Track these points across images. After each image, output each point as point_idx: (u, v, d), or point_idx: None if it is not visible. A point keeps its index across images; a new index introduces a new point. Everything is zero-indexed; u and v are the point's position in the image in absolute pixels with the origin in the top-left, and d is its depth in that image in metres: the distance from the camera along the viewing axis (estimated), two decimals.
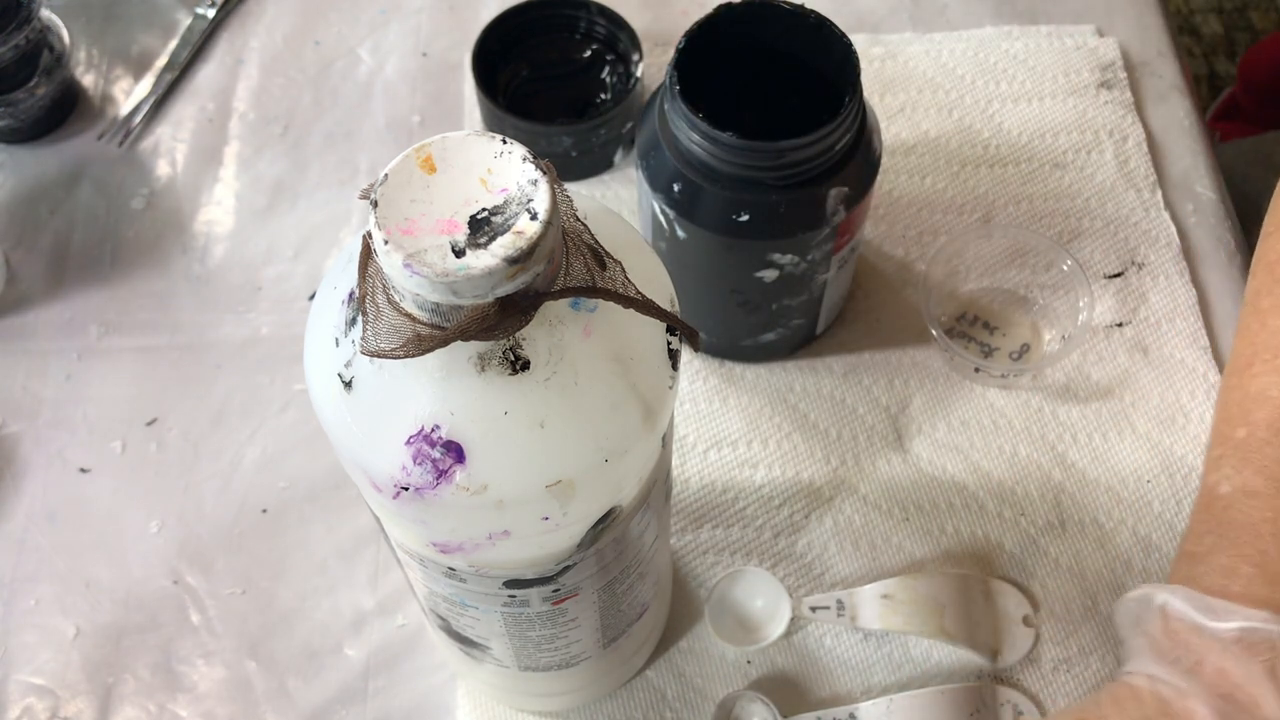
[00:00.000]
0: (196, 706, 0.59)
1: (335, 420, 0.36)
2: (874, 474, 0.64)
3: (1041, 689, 0.58)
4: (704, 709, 0.58)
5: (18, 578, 0.62)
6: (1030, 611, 0.60)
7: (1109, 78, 0.77)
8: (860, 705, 0.57)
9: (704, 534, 0.62)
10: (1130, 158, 0.74)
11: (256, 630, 0.61)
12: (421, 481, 0.35)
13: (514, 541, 0.38)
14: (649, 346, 0.37)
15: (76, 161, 0.76)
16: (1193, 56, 1.71)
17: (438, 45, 0.81)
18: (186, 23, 0.81)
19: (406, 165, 0.33)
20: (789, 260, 0.58)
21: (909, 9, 0.81)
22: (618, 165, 0.74)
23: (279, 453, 0.65)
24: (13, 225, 0.73)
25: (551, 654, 0.49)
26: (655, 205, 0.58)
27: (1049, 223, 0.72)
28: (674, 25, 0.80)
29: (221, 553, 0.63)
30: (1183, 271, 0.70)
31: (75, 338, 0.69)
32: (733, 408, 0.66)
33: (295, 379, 0.68)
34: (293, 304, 0.70)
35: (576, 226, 0.35)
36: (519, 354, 0.34)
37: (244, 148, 0.77)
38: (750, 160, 0.54)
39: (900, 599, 0.59)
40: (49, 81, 0.74)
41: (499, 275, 0.31)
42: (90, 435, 0.66)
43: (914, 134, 0.76)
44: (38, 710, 0.59)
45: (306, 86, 0.79)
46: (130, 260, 0.72)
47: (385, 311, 0.33)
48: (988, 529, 0.63)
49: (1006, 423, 0.65)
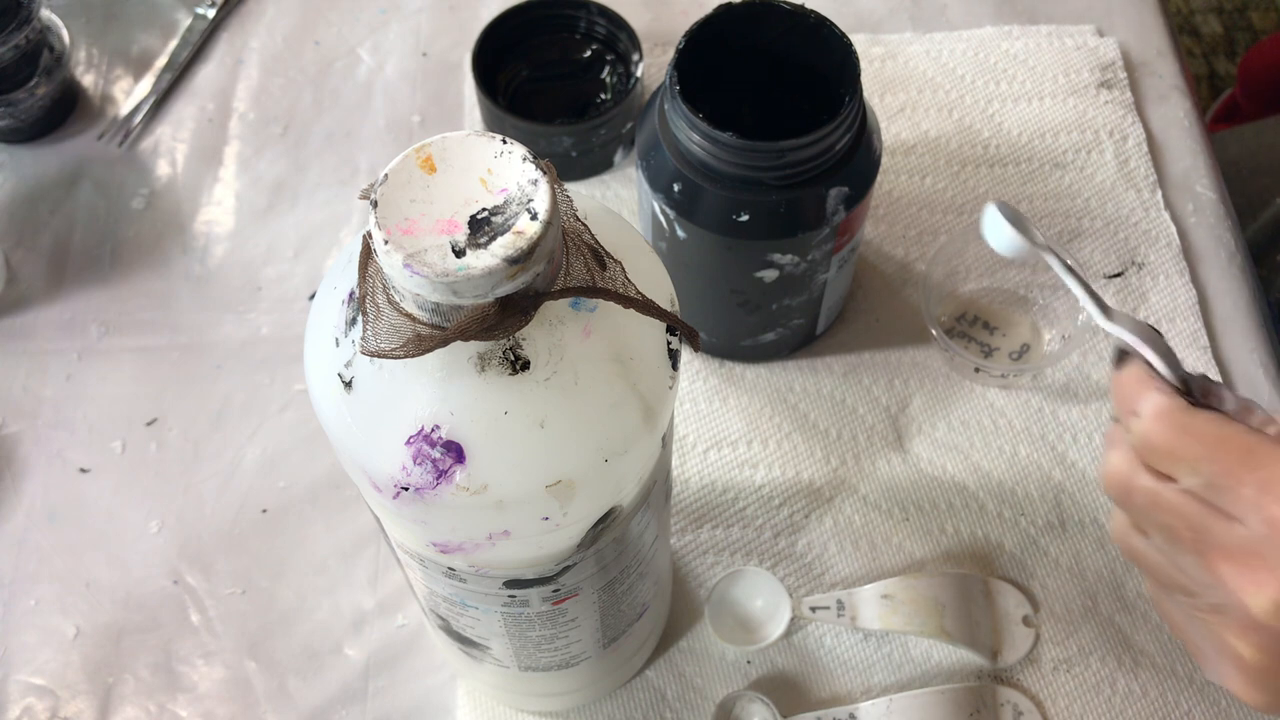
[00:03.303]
0: (196, 706, 0.59)
1: (335, 420, 0.36)
2: (874, 474, 0.64)
3: (1041, 689, 0.58)
4: (704, 709, 0.58)
5: (18, 578, 0.62)
6: (1030, 611, 0.60)
7: (1109, 78, 0.77)
8: (860, 705, 0.57)
9: (704, 534, 0.62)
10: (1130, 158, 0.74)
11: (256, 630, 0.61)
12: (421, 481, 0.35)
13: (514, 541, 0.38)
14: (649, 346, 0.37)
15: (76, 161, 0.76)
16: (1193, 56, 1.71)
17: (438, 45, 0.81)
18: (186, 23, 0.81)
19: (406, 165, 0.33)
20: (789, 260, 0.58)
21: (909, 9, 0.81)
22: (618, 165, 0.74)
23: (279, 453, 0.65)
24: (13, 225, 0.73)
25: (551, 654, 0.49)
26: (655, 205, 0.58)
27: (1049, 223, 0.72)
28: (674, 25, 0.80)
29: (221, 553, 0.63)
30: (1183, 271, 0.70)
31: (75, 338, 0.69)
32: (733, 408, 0.66)
33: (295, 379, 0.68)
34: (293, 304, 0.70)
35: (576, 226, 0.35)
36: (519, 354, 0.34)
37: (244, 148, 0.77)
38: (750, 160, 0.54)
39: (900, 599, 0.59)
40: (49, 81, 0.74)
41: (499, 275, 0.31)
42: (90, 435, 0.66)
43: (914, 134, 0.76)
44: (38, 710, 0.59)
45: (306, 86, 0.79)
46: (130, 260, 0.72)
47: (385, 311, 0.33)
48: (988, 529, 0.63)
49: (1006, 423, 0.65)
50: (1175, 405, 0.39)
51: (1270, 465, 0.37)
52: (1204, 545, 0.38)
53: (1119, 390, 0.41)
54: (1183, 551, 0.39)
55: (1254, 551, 0.37)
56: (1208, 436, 0.38)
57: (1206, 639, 0.41)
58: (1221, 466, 0.38)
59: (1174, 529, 0.39)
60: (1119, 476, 0.41)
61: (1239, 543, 0.37)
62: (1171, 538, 0.40)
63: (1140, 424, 0.40)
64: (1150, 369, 0.41)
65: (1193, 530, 0.39)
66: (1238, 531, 0.37)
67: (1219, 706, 0.58)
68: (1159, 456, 0.39)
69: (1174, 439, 0.39)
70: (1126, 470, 0.40)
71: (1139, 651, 0.59)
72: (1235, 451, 0.38)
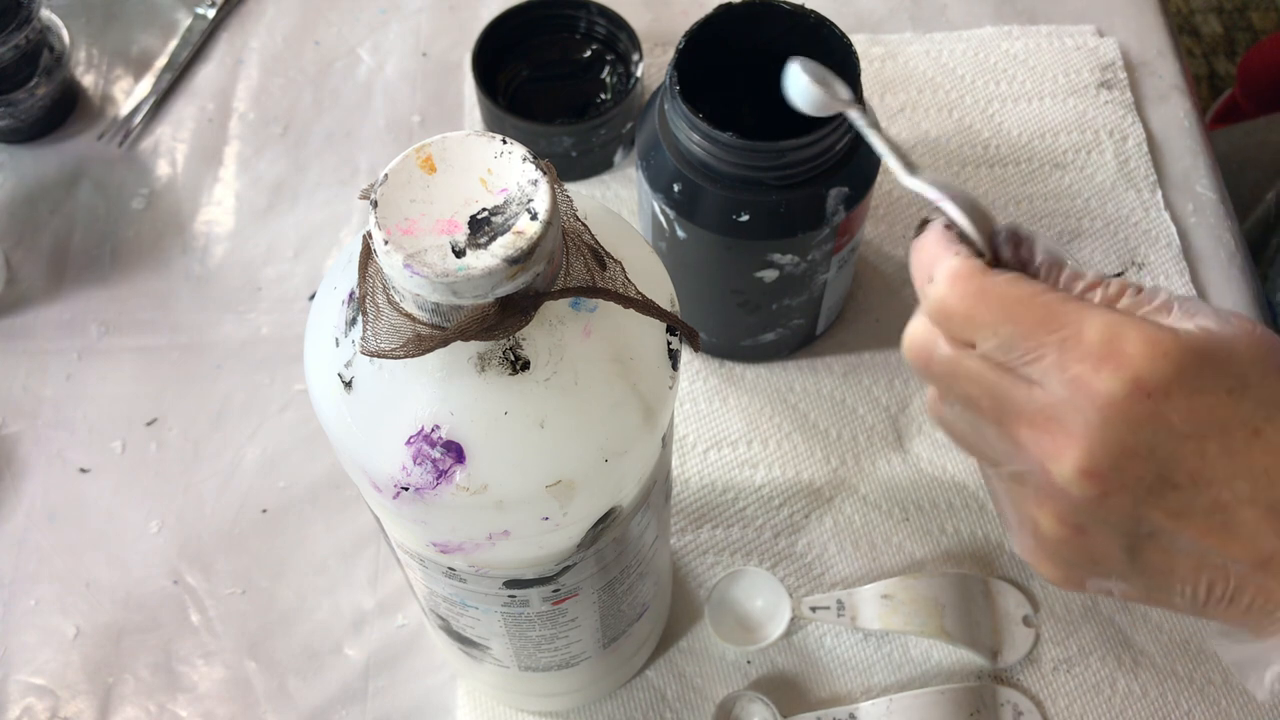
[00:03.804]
0: (196, 706, 0.59)
1: (335, 420, 0.36)
2: (874, 474, 0.64)
3: (1041, 689, 0.58)
4: (704, 709, 0.58)
5: (18, 578, 0.62)
6: (1030, 611, 0.60)
7: (1109, 78, 0.77)
8: (860, 705, 0.57)
9: (704, 534, 0.62)
10: (1130, 158, 0.74)
11: (256, 630, 0.61)
12: (421, 481, 0.35)
13: (514, 541, 0.38)
14: (649, 346, 0.37)
15: (76, 161, 0.76)
16: (1193, 56, 1.71)
17: (438, 45, 0.81)
18: (186, 23, 0.81)
19: (406, 165, 0.33)
20: (789, 260, 0.58)
21: (909, 9, 0.81)
22: (618, 165, 0.74)
23: (279, 453, 0.65)
24: (13, 225, 0.73)
25: (551, 654, 0.49)
26: (655, 205, 0.58)
27: (1049, 223, 0.72)
28: (674, 25, 0.80)
29: (221, 553, 0.63)
30: (1183, 271, 0.70)
31: (75, 338, 0.69)
32: (733, 408, 0.66)
33: (295, 379, 0.68)
34: (293, 304, 0.70)
35: (576, 226, 0.35)
36: (519, 354, 0.34)
37: (244, 148, 0.77)
38: (750, 160, 0.54)
39: (900, 599, 0.59)
40: (49, 81, 0.74)
41: (499, 275, 0.31)
42: (90, 435, 0.66)
43: (914, 134, 0.76)
44: (38, 710, 0.59)
45: (306, 86, 0.79)
46: (130, 260, 0.72)
47: (385, 311, 0.33)
48: (988, 529, 0.63)
49: None
50: (971, 267, 0.37)
51: (1071, 324, 0.35)
52: (1003, 413, 0.36)
53: (916, 256, 0.38)
54: (985, 421, 0.37)
55: (1054, 416, 0.35)
56: (1006, 298, 0.36)
57: (1011, 509, 0.39)
58: (1020, 329, 0.35)
59: (973, 397, 0.37)
60: (918, 346, 0.38)
61: (1039, 407, 0.35)
62: (972, 406, 0.38)
63: (935, 289, 0.37)
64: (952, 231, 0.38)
65: (992, 398, 0.37)
66: (1037, 395, 0.35)
67: (1219, 706, 0.58)
68: (956, 323, 0.37)
69: (970, 303, 0.36)
70: (925, 338, 0.38)
71: (1139, 651, 0.59)
72: (1035, 312, 0.35)
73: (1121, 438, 0.34)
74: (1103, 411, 0.34)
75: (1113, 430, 0.34)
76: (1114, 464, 0.35)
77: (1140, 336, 0.34)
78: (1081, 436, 0.35)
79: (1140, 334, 0.34)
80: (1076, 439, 0.35)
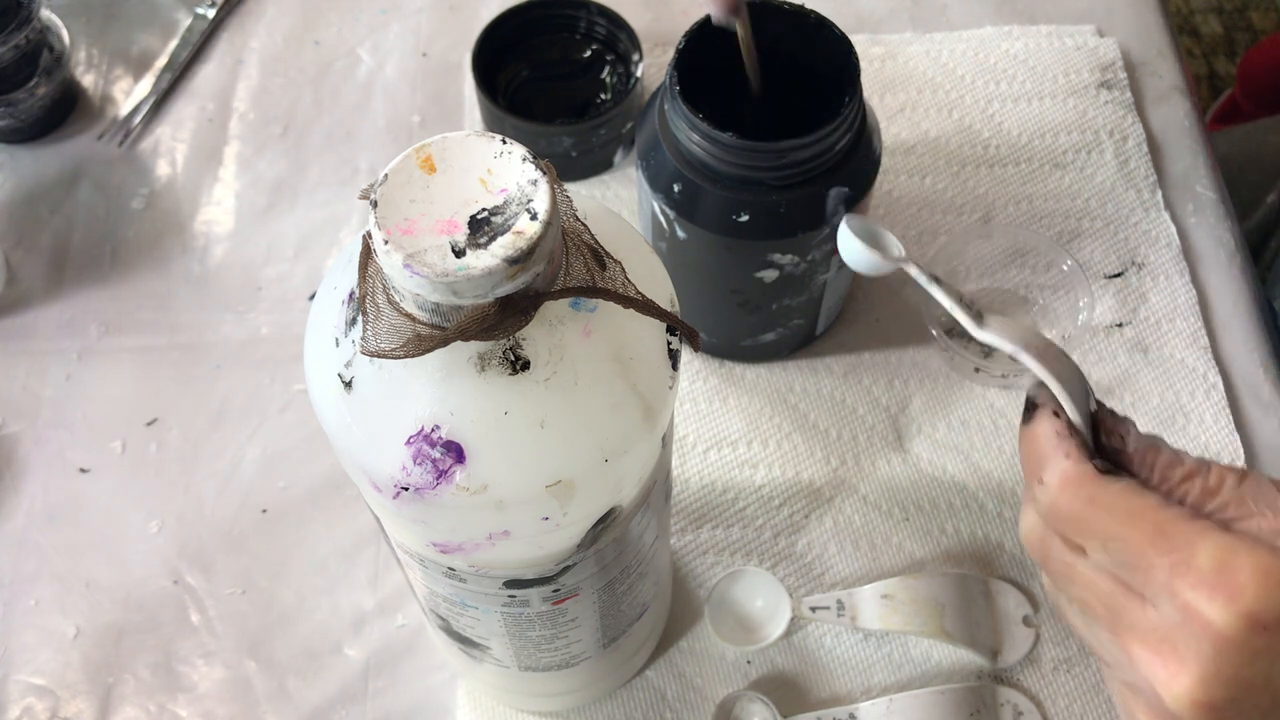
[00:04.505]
0: (196, 706, 0.59)
1: (335, 420, 0.36)
2: (874, 474, 0.64)
3: (1041, 689, 0.58)
4: (704, 709, 0.58)
5: (18, 578, 0.62)
6: (1030, 611, 0.60)
7: (1109, 78, 0.77)
8: (860, 705, 0.57)
9: (704, 534, 0.62)
10: (1130, 158, 0.74)
11: (256, 630, 0.61)
12: (421, 481, 0.35)
13: (514, 541, 0.38)
14: (649, 346, 0.37)
15: (76, 161, 0.76)
16: (1193, 56, 1.71)
17: (438, 45, 0.81)
18: (186, 23, 0.81)
19: (406, 165, 0.33)
20: (789, 260, 0.58)
21: (909, 9, 0.81)
22: (618, 165, 0.74)
23: (279, 453, 0.65)
24: (13, 225, 0.73)
25: (551, 654, 0.49)
26: (655, 205, 0.58)
27: (1049, 223, 0.72)
28: (674, 25, 0.80)
29: (221, 553, 0.63)
30: (1183, 271, 0.70)
31: (75, 338, 0.69)
32: (733, 408, 0.66)
33: (295, 379, 0.68)
34: (293, 304, 0.70)
35: (576, 226, 0.35)
36: (519, 354, 0.34)
37: (244, 148, 0.77)
38: (750, 160, 0.54)
39: (900, 599, 0.59)
40: (49, 81, 0.74)
41: (499, 275, 0.31)
42: (90, 435, 0.66)
43: (914, 134, 0.76)
44: (38, 710, 0.59)
45: (306, 86, 0.79)
46: (130, 260, 0.72)
47: (385, 311, 0.33)
48: (988, 529, 0.63)
49: (1006, 423, 0.65)
50: (1083, 474, 0.37)
51: (1182, 548, 0.35)
52: (1117, 624, 0.37)
53: (1026, 449, 0.39)
54: (1100, 626, 0.38)
55: (1167, 638, 0.35)
56: (1117, 511, 0.36)
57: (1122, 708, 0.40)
58: (1132, 545, 0.35)
59: (1089, 603, 0.38)
60: (1034, 542, 0.39)
61: (1152, 626, 0.35)
62: (1088, 610, 0.38)
63: (1048, 494, 0.37)
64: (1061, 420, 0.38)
65: (1106, 608, 0.37)
66: (1151, 615, 0.35)
67: None
68: (1068, 528, 0.37)
69: (1082, 511, 0.37)
70: (1041, 536, 0.39)
71: None
72: (1146, 530, 0.35)
73: (1237, 670, 0.34)
74: (1215, 643, 0.34)
75: (1227, 662, 0.34)
76: (1229, 696, 0.35)
77: (1252, 565, 0.34)
78: (1195, 665, 0.35)
79: (1253, 562, 0.34)
80: (1190, 667, 0.35)
